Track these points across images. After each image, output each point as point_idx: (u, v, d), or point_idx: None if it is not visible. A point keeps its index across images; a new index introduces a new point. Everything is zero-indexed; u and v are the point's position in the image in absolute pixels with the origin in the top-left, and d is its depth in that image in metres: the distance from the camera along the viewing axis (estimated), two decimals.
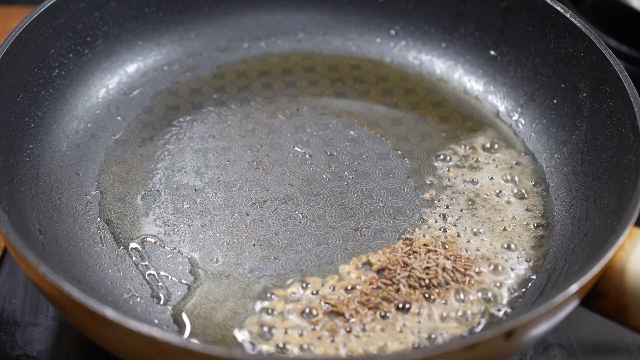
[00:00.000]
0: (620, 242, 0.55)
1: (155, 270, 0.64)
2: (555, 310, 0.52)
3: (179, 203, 0.68)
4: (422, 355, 0.49)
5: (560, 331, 0.67)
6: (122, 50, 0.78)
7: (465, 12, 0.79)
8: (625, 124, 0.63)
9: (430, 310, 0.61)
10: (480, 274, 0.63)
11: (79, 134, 0.73)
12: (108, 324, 0.50)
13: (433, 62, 0.81)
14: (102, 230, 0.66)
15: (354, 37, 0.83)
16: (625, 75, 0.65)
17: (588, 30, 0.69)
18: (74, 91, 0.74)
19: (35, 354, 0.64)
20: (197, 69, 0.80)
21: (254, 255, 0.65)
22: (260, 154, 0.72)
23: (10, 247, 0.55)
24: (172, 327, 0.60)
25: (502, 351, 0.53)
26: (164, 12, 0.80)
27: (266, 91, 0.78)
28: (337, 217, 0.67)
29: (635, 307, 0.56)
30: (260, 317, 0.60)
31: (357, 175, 0.71)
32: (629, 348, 0.67)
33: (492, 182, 0.70)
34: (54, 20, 0.72)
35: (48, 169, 0.69)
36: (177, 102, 0.77)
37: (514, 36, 0.77)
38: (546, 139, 0.73)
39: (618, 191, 0.62)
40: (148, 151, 0.72)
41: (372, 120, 0.75)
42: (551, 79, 0.73)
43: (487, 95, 0.78)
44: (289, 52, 0.82)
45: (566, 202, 0.68)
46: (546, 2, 0.73)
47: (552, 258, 0.65)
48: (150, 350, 0.50)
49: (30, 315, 0.67)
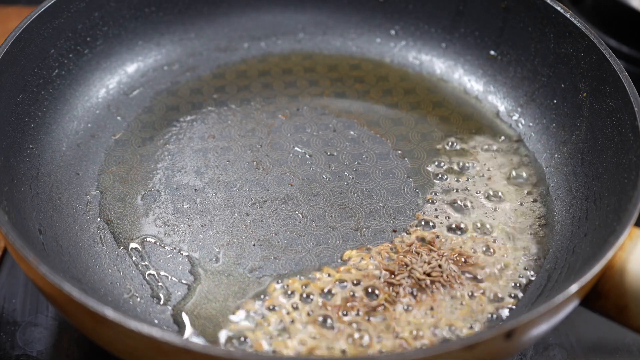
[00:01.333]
0: (620, 242, 0.55)
1: (155, 270, 0.64)
2: (555, 310, 0.52)
3: (179, 203, 0.68)
4: (422, 356, 0.49)
5: (560, 331, 0.67)
6: (122, 50, 0.78)
7: (465, 12, 0.79)
8: (625, 124, 0.63)
9: (430, 310, 0.61)
10: (480, 274, 0.63)
11: (79, 134, 0.73)
12: (108, 324, 0.50)
13: (433, 62, 0.81)
14: (102, 230, 0.66)
15: (354, 37, 0.83)
16: (625, 75, 0.65)
17: (588, 30, 0.69)
18: (74, 91, 0.74)
19: (35, 354, 0.64)
20: (197, 69, 0.80)
21: (254, 255, 0.65)
22: (260, 154, 0.72)
23: (10, 247, 0.55)
24: (172, 327, 0.60)
25: (502, 351, 0.53)
26: (164, 12, 0.80)
27: (266, 91, 0.78)
28: (337, 217, 0.67)
29: (635, 307, 0.56)
30: (260, 317, 0.60)
31: (357, 175, 0.71)
32: (629, 348, 0.67)
33: (492, 182, 0.70)
34: (54, 20, 0.72)
35: (48, 169, 0.69)
36: (177, 102, 0.77)
37: (514, 36, 0.77)
38: (546, 139, 0.73)
39: (618, 191, 0.62)
40: (148, 151, 0.72)
41: (372, 120, 0.75)
42: (551, 79, 0.73)
43: (487, 95, 0.78)
44: (289, 52, 0.82)
45: (566, 202, 0.68)
46: (546, 2, 0.73)
47: (552, 258, 0.65)
48: (150, 350, 0.50)
49: (30, 315, 0.67)
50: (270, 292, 0.62)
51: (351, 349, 0.58)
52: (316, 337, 0.59)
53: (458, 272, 0.63)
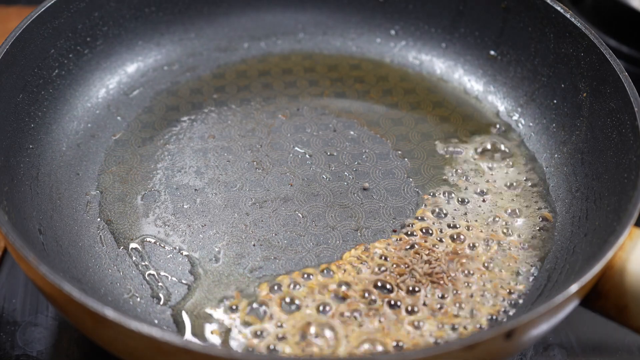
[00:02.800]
0: (620, 242, 0.55)
1: (155, 270, 0.64)
2: (555, 310, 0.52)
3: (179, 203, 0.68)
4: (422, 356, 0.49)
5: (560, 331, 0.67)
6: (122, 50, 0.78)
7: (465, 12, 0.79)
8: (625, 124, 0.63)
9: (430, 310, 0.61)
10: (480, 274, 0.63)
11: (79, 134, 0.73)
12: (108, 324, 0.50)
13: (433, 62, 0.81)
14: (102, 230, 0.66)
15: (354, 37, 0.83)
16: (625, 75, 0.65)
17: (588, 30, 0.69)
18: (74, 91, 0.74)
19: (35, 354, 0.64)
20: (197, 69, 0.80)
21: (254, 255, 0.65)
22: (260, 154, 0.72)
23: (10, 247, 0.55)
24: (172, 327, 0.60)
25: (502, 351, 0.53)
26: (164, 12, 0.80)
27: (266, 91, 0.78)
28: (337, 217, 0.67)
29: (635, 307, 0.56)
30: (259, 317, 0.60)
31: (357, 175, 0.71)
32: (629, 348, 0.67)
33: (492, 182, 0.70)
34: (54, 20, 0.72)
35: (48, 169, 0.69)
36: (177, 102, 0.77)
37: (514, 36, 0.77)
38: (546, 139, 0.73)
39: (618, 191, 0.62)
40: (148, 151, 0.72)
41: (372, 120, 0.75)
42: (551, 79, 0.73)
43: (487, 95, 0.78)
44: (289, 52, 0.82)
45: (566, 202, 0.68)
46: (546, 2, 0.73)
47: (552, 258, 0.65)
48: (150, 350, 0.50)
49: (30, 315, 0.67)
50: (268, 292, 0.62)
51: (348, 349, 0.58)
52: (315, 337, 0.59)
53: (458, 272, 0.63)
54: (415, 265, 0.63)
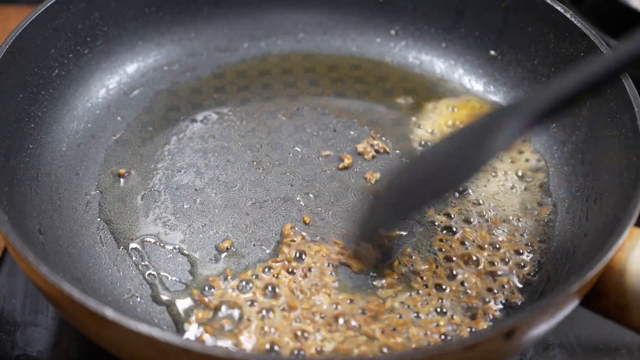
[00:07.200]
0: (620, 242, 0.55)
1: (155, 270, 0.64)
2: (555, 310, 0.52)
3: (179, 203, 0.68)
4: (422, 356, 0.49)
5: (560, 331, 0.67)
6: (122, 50, 0.78)
7: (465, 12, 0.79)
8: (625, 124, 0.63)
9: (429, 311, 0.61)
10: (480, 274, 0.63)
11: (79, 134, 0.73)
12: (108, 324, 0.50)
13: (433, 62, 0.81)
14: (102, 230, 0.66)
15: (354, 37, 0.83)
16: (625, 75, 0.65)
17: (588, 30, 0.69)
18: (74, 91, 0.74)
19: (35, 354, 0.64)
20: (197, 69, 0.80)
21: (254, 255, 0.65)
22: (260, 154, 0.72)
23: (10, 247, 0.55)
24: (172, 327, 0.60)
25: (502, 351, 0.53)
26: (164, 12, 0.80)
27: (266, 91, 0.78)
28: (337, 217, 0.67)
29: (635, 306, 0.56)
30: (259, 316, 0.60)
31: (357, 176, 0.71)
32: (629, 348, 0.67)
33: (492, 182, 0.70)
34: (54, 20, 0.72)
35: (48, 169, 0.69)
36: (177, 102, 0.77)
37: (514, 36, 0.77)
38: (546, 139, 0.73)
39: (618, 191, 0.62)
40: (148, 151, 0.72)
41: (372, 120, 0.75)
42: (551, 79, 0.73)
43: (487, 95, 0.78)
44: (289, 52, 0.82)
45: (566, 202, 0.68)
46: (546, 2, 0.73)
47: (552, 258, 0.65)
48: (150, 350, 0.50)
49: (30, 315, 0.67)
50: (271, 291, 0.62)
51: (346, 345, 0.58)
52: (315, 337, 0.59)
53: (458, 272, 0.63)
54: (416, 266, 0.63)
